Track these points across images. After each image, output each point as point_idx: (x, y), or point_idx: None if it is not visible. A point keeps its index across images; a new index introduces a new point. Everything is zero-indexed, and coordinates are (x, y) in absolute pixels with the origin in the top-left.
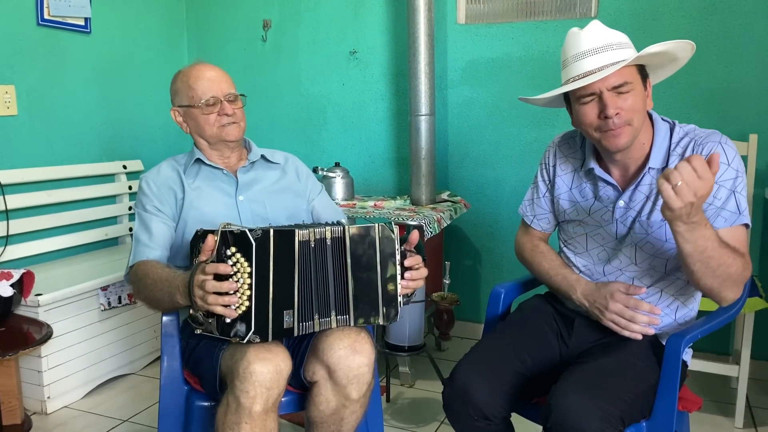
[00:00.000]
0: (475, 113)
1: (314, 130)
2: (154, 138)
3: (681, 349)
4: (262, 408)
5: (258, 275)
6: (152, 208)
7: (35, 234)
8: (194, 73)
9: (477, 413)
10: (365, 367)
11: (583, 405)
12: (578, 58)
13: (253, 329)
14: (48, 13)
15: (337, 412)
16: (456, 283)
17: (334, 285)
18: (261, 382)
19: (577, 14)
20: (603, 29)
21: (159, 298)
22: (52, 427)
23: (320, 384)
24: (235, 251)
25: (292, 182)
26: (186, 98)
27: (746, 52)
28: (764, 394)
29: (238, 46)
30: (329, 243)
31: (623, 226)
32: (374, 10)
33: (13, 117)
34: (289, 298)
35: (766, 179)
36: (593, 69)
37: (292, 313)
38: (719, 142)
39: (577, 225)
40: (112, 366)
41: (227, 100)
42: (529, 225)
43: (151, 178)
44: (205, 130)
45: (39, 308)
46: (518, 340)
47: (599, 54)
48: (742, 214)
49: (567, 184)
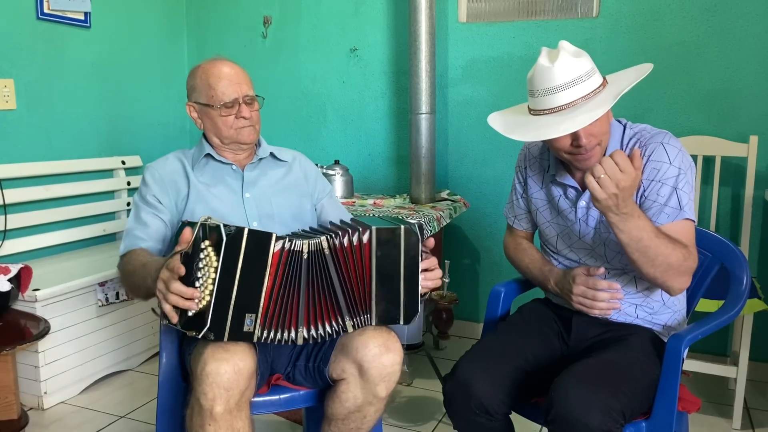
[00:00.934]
0: (475, 112)
1: (314, 127)
2: (153, 134)
3: (682, 348)
4: (224, 408)
5: (223, 271)
6: (152, 198)
7: (33, 229)
8: (215, 71)
9: (478, 408)
10: (397, 365)
11: (585, 397)
12: (550, 92)
13: (208, 326)
14: (48, 7)
15: (360, 409)
16: (455, 282)
17: (343, 291)
18: (218, 383)
19: (578, 14)
20: (570, 62)
21: (137, 285)
22: (48, 423)
23: (349, 380)
24: (209, 244)
25: (297, 181)
26: (204, 96)
27: (747, 53)
28: (762, 396)
29: (238, 43)
30: (327, 252)
31: (586, 225)
32: (375, 8)
33: (12, 111)
34: (254, 303)
35: (765, 181)
36: (565, 103)
37: (254, 318)
38: (661, 142)
39: (548, 225)
40: (109, 362)
41: (245, 101)
42: (511, 226)
43: (156, 168)
44: (221, 131)
45: (36, 303)
46: (520, 338)
47: (570, 89)
48: (684, 209)
49: (538, 185)
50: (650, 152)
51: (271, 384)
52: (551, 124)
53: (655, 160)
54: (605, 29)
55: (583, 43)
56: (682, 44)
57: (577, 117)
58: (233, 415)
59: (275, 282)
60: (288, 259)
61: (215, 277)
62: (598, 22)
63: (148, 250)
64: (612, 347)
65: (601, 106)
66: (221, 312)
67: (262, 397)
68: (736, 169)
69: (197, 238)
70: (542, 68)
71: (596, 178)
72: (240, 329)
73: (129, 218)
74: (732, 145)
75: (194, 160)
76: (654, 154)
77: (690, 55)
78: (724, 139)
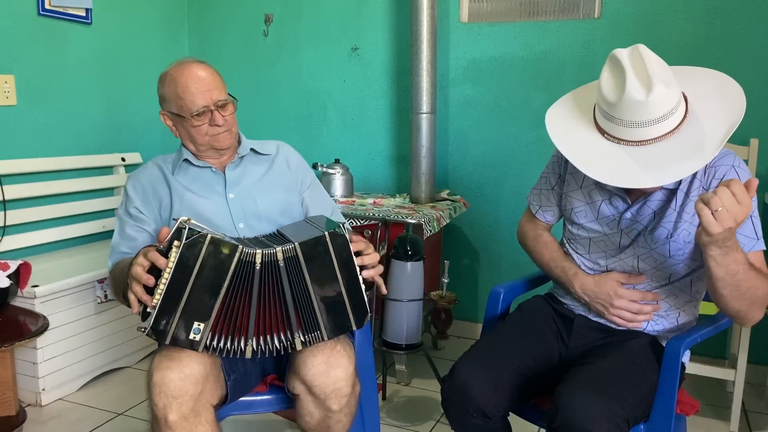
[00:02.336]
0: (476, 112)
1: (314, 126)
2: (153, 131)
3: (681, 351)
4: (177, 416)
5: (176, 274)
6: (134, 210)
7: (32, 225)
8: (182, 80)
9: (476, 410)
10: (342, 381)
11: (591, 405)
12: (638, 125)
13: (152, 324)
14: (49, 3)
15: (322, 422)
16: (454, 282)
17: (294, 304)
18: (165, 392)
19: (580, 15)
20: (665, 94)
21: (122, 290)
22: (46, 420)
23: (301, 398)
24: (177, 245)
25: (280, 175)
26: (175, 107)
27: (748, 56)
28: (760, 399)
29: (239, 41)
30: (282, 264)
31: (627, 237)
32: (377, 7)
33: (13, 107)
34: (206, 311)
35: (766, 184)
36: (653, 138)
37: (204, 327)
38: (732, 165)
39: (581, 228)
40: (107, 359)
41: (217, 106)
42: (534, 214)
43: (136, 179)
44: (196, 139)
45: (35, 300)
46: (518, 339)
47: (661, 123)
48: (760, 239)
49: (578, 183)
50: (721, 176)
51: (268, 384)
52: (635, 167)
53: None
54: (607, 30)
55: (585, 44)
56: (683, 46)
57: (666, 163)
58: (190, 421)
59: (229, 292)
60: (242, 269)
61: (167, 278)
62: (600, 23)
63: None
64: (613, 353)
65: (696, 157)
66: (167, 314)
67: (260, 396)
68: None
69: (171, 238)
70: (633, 101)
71: (713, 211)
72: (185, 336)
73: (114, 233)
74: (733, 147)
75: (174, 165)
76: (725, 177)
77: (691, 57)
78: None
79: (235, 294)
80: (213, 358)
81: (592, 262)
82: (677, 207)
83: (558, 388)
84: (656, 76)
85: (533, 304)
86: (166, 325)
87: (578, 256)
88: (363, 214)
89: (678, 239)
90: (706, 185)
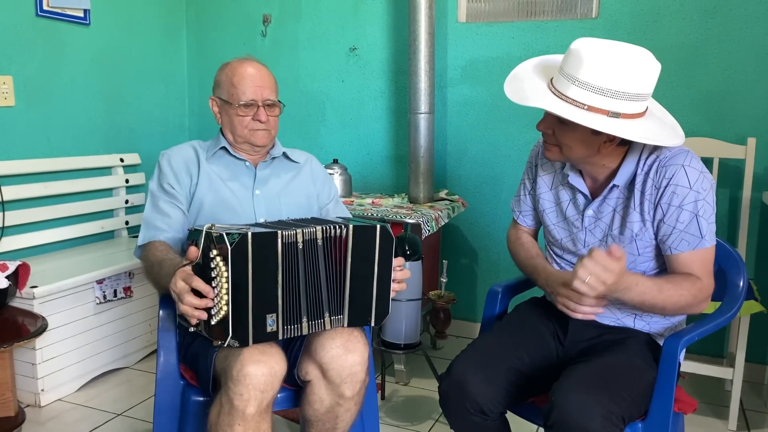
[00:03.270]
0: (474, 112)
1: (313, 126)
2: (152, 131)
3: (678, 349)
4: (255, 410)
5: (234, 281)
6: (168, 186)
7: (31, 226)
8: (240, 70)
9: (474, 407)
10: (358, 366)
11: (586, 403)
12: (570, 77)
13: (231, 335)
14: (47, 4)
15: (331, 410)
16: (453, 282)
17: (327, 285)
18: (255, 385)
19: (578, 15)
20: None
21: (155, 280)
22: (45, 420)
23: (314, 383)
24: (216, 254)
25: (305, 183)
26: (226, 93)
27: (745, 55)
28: (758, 397)
29: (238, 41)
30: (320, 243)
31: (592, 236)
32: (375, 7)
33: (11, 108)
34: (273, 302)
35: (763, 183)
36: (569, 97)
37: (275, 317)
38: (682, 164)
39: (554, 228)
40: (106, 359)
41: (265, 105)
42: (516, 220)
43: (171, 155)
44: (237, 129)
45: (34, 300)
46: (516, 338)
47: (586, 90)
48: (705, 237)
49: (548, 185)
50: (670, 175)
51: None
52: (547, 97)
53: (675, 183)
54: (604, 30)
55: None
56: (681, 46)
57: (559, 104)
58: (262, 416)
59: (288, 276)
60: (287, 252)
61: (227, 287)
62: (598, 23)
63: (166, 242)
64: (609, 351)
65: (576, 115)
66: (241, 319)
67: None
68: (733, 171)
69: (205, 248)
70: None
71: (583, 281)
72: (263, 331)
73: (146, 207)
74: (730, 147)
75: (209, 152)
76: (674, 177)
77: (689, 56)
78: (722, 140)
79: (289, 276)
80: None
81: (568, 262)
82: (637, 206)
83: (554, 386)
84: (642, 58)
85: (530, 305)
86: (244, 330)
87: (557, 259)
88: (361, 214)
89: (644, 237)
90: (657, 184)
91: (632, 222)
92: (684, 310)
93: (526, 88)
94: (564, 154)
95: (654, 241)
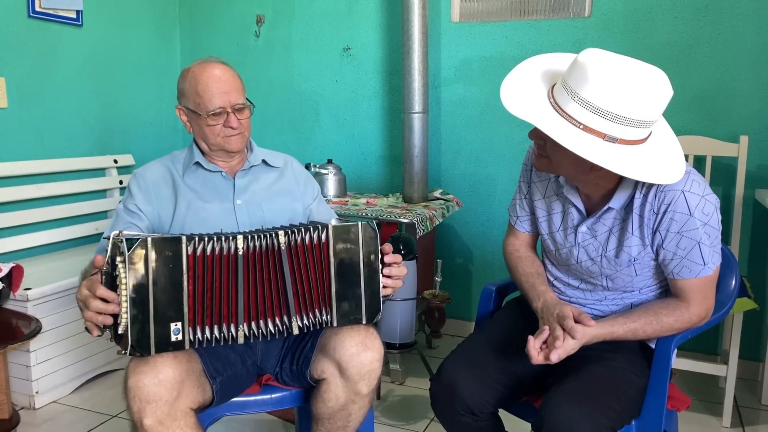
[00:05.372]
0: (468, 111)
1: (307, 126)
2: (146, 132)
3: (671, 350)
4: (153, 421)
5: (134, 288)
6: (133, 206)
7: (24, 228)
8: (203, 77)
9: (463, 408)
10: (376, 363)
11: (575, 417)
12: (572, 92)
13: (131, 343)
14: (39, 5)
15: (345, 408)
16: (447, 281)
17: (303, 287)
18: (140, 396)
19: (570, 14)
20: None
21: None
22: (40, 422)
23: (329, 381)
24: (120, 261)
25: (289, 185)
26: (192, 103)
27: (738, 54)
28: (752, 394)
29: (231, 42)
30: (283, 247)
31: (585, 254)
32: (368, 7)
33: (3, 110)
34: (178, 310)
35: (755, 181)
36: (566, 113)
37: (181, 326)
38: (682, 190)
39: (547, 239)
40: (101, 361)
41: (234, 110)
42: (513, 225)
43: (141, 175)
44: (209, 138)
45: (28, 303)
46: (505, 337)
47: (585, 108)
48: (707, 265)
49: (541, 192)
50: (669, 201)
51: (262, 383)
52: (549, 117)
53: (673, 210)
54: (597, 29)
55: (575, 43)
56: (673, 44)
57: (553, 121)
58: (167, 425)
59: (199, 284)
60: (203, 257)
61: (126, 294)
62: (590, 22)
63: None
64: (600, 358)
65: (567, 137)
66: (142, 327)
67: (254, 397)
68: (726, 168)
69: (111, 255)
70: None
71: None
72: (167, 340)
73: (107, 227)
74: (723, 145)
75: (185, 166)
76: (673, 203)
77: (681, 55)
78: (715, 138)
79: (208, 283)
80: (191, 362)
81: (565, 274)
82: (635, 230)
83: (543, 399)
84: (657, 84)
85: (521, 302)
86: (146, 338)
87: (554, 268)
88: (356, 214)
89: (643, 260)
90: (656, 209)
91: (630, 246)
92: (680, 333)
93: (522, 96)
94: (554, 167)
95: (654, 262)
